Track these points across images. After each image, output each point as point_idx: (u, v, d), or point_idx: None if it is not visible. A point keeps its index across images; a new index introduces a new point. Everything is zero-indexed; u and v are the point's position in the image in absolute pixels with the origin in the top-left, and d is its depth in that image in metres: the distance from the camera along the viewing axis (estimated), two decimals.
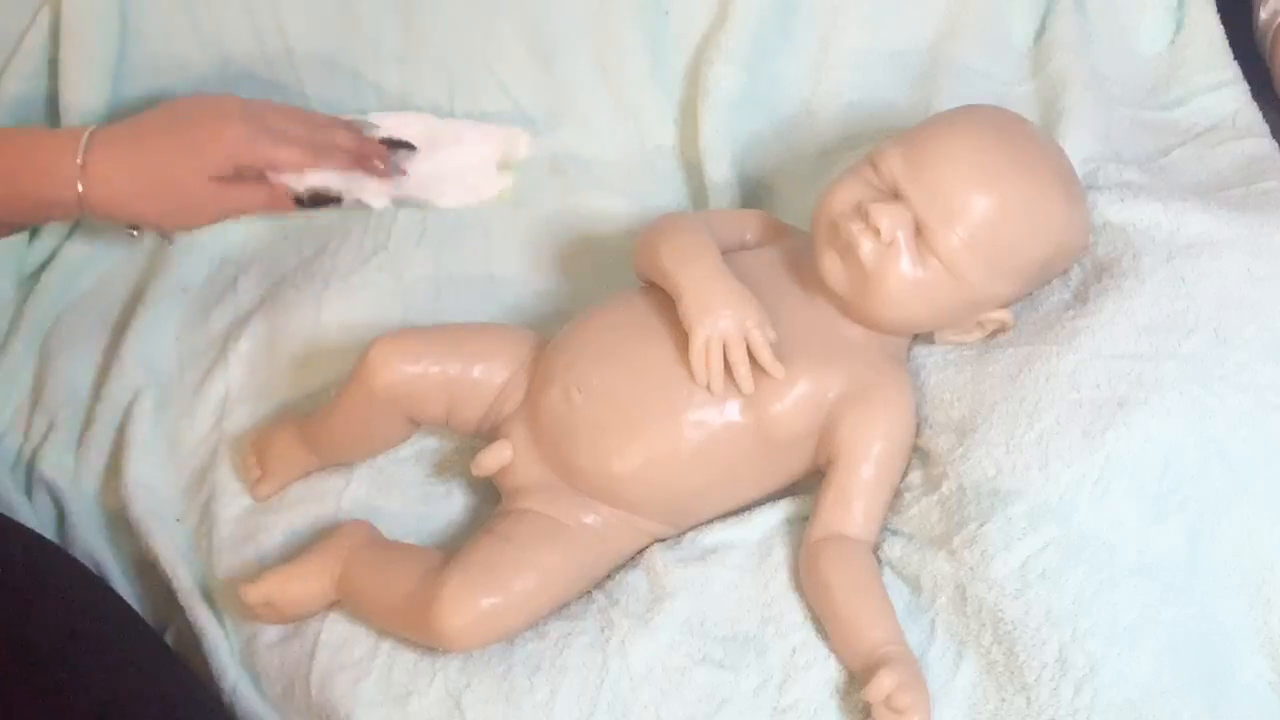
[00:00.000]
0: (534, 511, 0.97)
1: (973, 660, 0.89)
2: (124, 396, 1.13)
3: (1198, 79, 1.19)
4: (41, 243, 1.21)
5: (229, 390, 1.13)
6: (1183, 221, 1.02)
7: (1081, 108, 1.14)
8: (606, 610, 0.95)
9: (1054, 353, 0.96)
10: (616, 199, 1.23)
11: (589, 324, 1.01)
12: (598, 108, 1.25)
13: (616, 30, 1.23)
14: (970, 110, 1.03)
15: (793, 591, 0.95)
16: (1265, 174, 1.10)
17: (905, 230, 0.95)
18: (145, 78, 1.24)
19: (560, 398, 0.97)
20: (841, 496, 0.95)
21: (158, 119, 1.07)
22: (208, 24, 1.24)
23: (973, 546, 0.91)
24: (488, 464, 0.99)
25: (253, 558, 1.04)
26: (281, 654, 0.98)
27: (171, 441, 1.11)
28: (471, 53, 1.25)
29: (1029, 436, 0.93)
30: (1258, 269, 0.99)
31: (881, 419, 0.96)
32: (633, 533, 0.98)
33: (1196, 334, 0.95)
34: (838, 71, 1.22)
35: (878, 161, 0.98)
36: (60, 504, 1.09)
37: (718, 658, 0.92)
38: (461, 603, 0.91)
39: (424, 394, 1.00)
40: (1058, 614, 0.87)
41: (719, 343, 0.94)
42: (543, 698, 0.91)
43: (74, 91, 1.21)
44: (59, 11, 1.20)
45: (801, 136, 1.22)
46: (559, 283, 1.19)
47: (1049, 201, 0.98)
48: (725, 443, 0.95)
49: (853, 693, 0.90)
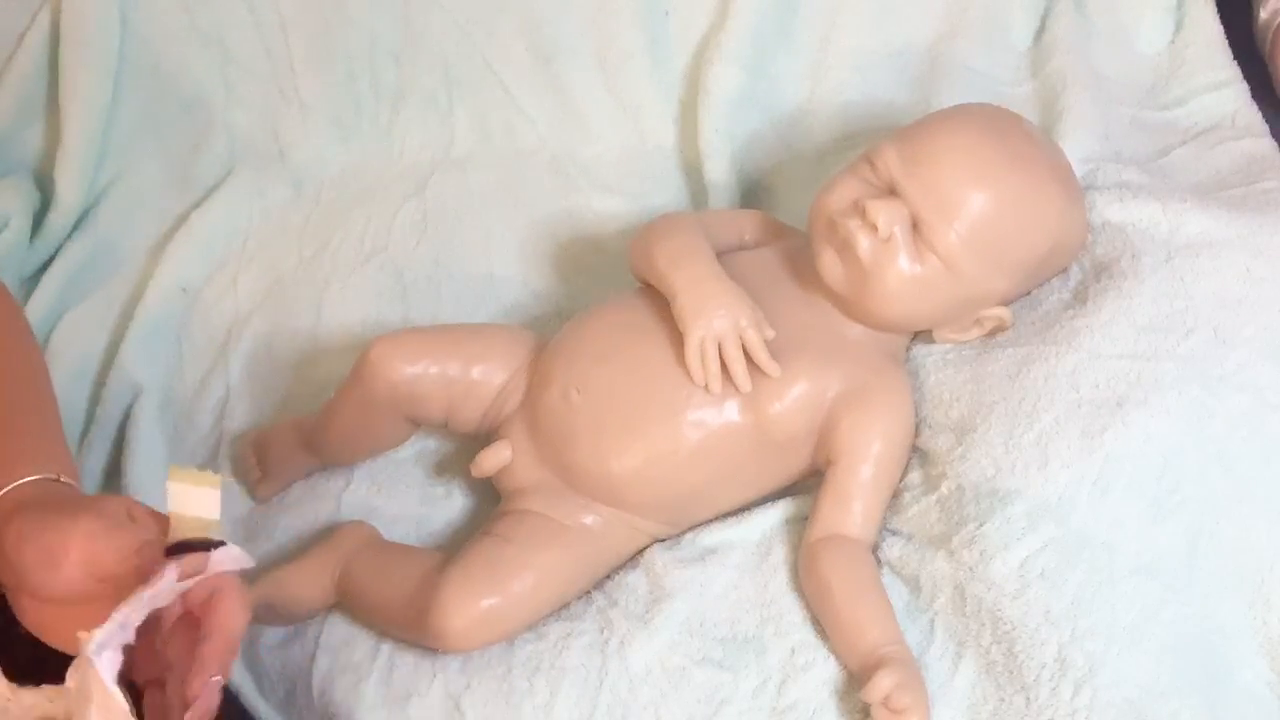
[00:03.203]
0: (533, 512, 0.97)
1: (972, 660, 0.89)
2: (124, 397, 1.12)
3: (1197, 79, 1.19)
4: (42, 243, 1.21)
5: (229, 390, 1.14)
6: (1182, 221, 1.02)
7: (1081, 107, 1.14)
8: (606, 611, 0.95)
9: (1053, 353, 0.96)
10: (616, 199, 1.23)
11: (588, 324, 1.01)
12: (598, 108, 1.25)
13: (616, 30, 1.23)
14: (966, 107, 1.04)
15: (792, 592, 0.95)
16: (1265, 174, 1.10)
17: (902, 226, 0.95)
18: (145, 78, 1.24)
19: (559, 398, 0.97)
20: (840, 497, 0.95)
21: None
22: (208, 24, 1.24)
23: (972, 546, 0.91)
24: (487, 465, 0.99)
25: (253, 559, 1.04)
26: (283, 656, 0.98)
27: (172, 442, 1.11)
28: (471, 52, 1.25)
29: (1028, 436, 0.93)
30: (1257, 269, 0.99)
31: (880, 419, 0.96)
32: (632, 533, 0.98)
33: (1196, 334, 0.96)
34: (837, 71, 1.22)
35: (874, 159, 0.98)
36: None
37: (717, 658, 0.92)
38: (461, 604, 0.91)
39: (424, 394, 1.00)
40: (1057, 614, 0.87)
41: (714, 343, 0.94)
42: (542, 699, 0.91)
43: (74, 91, 1.21)
44: (59, 11, 1.20)
45: (801, 136, 1.22)
46: (558, 283, 1.19)
47: (1046, 197, 0.98)
48: (724, 442, 0.95)
49: (852, 693, 0.90)
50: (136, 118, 1.25)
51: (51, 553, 0.74)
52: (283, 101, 1.26)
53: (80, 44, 1.20)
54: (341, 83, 1.26)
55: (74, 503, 0.79)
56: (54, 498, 0.79)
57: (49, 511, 0.77)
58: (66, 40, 1.20)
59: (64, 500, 0.79)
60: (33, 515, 0.76)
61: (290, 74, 1.25)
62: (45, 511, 0.77)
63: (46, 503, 0.78)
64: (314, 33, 1.24)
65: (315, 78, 1.26)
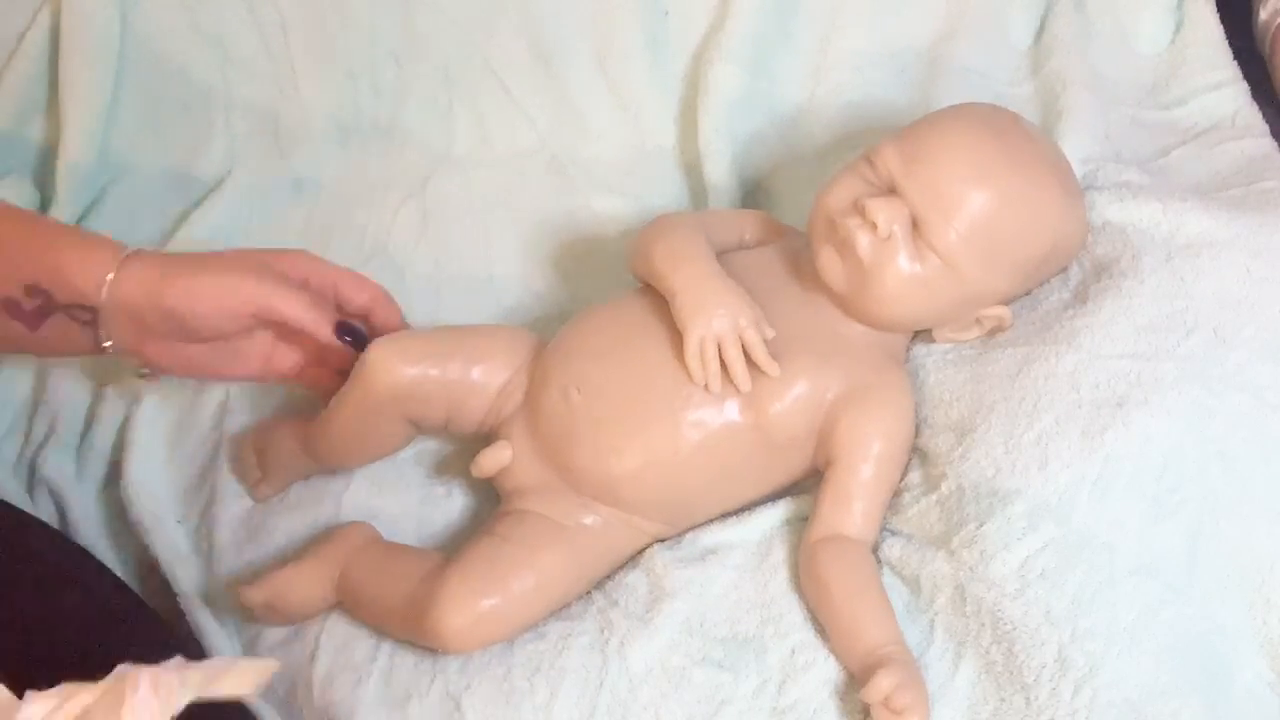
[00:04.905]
0: (533, 513, 0.97)
1: (972, 660, 0.89)
2: (125, 397, 1.12)
3: (1198, 79, 1.19)
4: None
5: (229, 391, 1.13)
6: (1182, 221, 1.02)
7: (1081, 108, 1.14)
8: (606, 611, 0.95)
9: (1053, 353, 0.96)
10: (616, 199, 1.23)
11: (587, 323, 1.01)
12: (598, 108, 1.25)
13: (616, 30, 1.23)
14: (965, 107, 1.04)
15: (792, 592, 0.95)
16: (1265, 174, 1.09)
17: (902, 225, 0.95)
18: (145, 78, 1.24)
19: (559, 397, 0.97)
20: (841, 497, 0.95)
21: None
22: (208, 24, 1.24)
23: (972, 547, 0.91)
24: (487, 465, 0.99)
25: (253, 559, 1.04)
26: (283, 656, 0.98)
27: (172, 443, 1.11)
28: (471, 52, 1.25)
29: (1028, 436, 0.93)
30: (1257, 269, 0.99)
31: (881, 418, 0.96)
32: (632, 533, 0.98)
33: (1196, 334, 0.95)
34: (837, 72, 1.22)
35: (874, 159, 0.98)
36: (62, 506, 1.08)
37: (717, 658, 0.92)
38: (461, 604, 0.91)
39: (425, 396, 1.00)
40: (1057, 614, 0.87)
41: (714, 342, 0.94)
42: (542, 699, 0.91)
43: (74, 91, 1.21)
44: (59, 11, 1.20)
45: (801, 137, 1.22)
46: (558, 283, 1.19)
47: (1045, 195, 0.98)
48: (724, 442, 0.95)
49: (852, 693, 0.90)
50: (136, 118, 1.25)
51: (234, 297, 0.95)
52: (283, 101, 1.26)
53: (80, 44, 1.20)
54: (341, 83, 1.26)
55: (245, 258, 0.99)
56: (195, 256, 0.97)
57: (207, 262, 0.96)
58: (66, 40, 1.20)
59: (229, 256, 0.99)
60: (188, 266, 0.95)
61: (290, 74, 1.25)
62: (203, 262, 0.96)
63: (201, 258, 0.97)
64: (314, 33, 1.24)
65: (315, 78, 1.25)
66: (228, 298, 0.95)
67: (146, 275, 0.94)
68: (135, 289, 0.94)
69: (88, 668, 0.79)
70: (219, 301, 0.95)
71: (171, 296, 0.94)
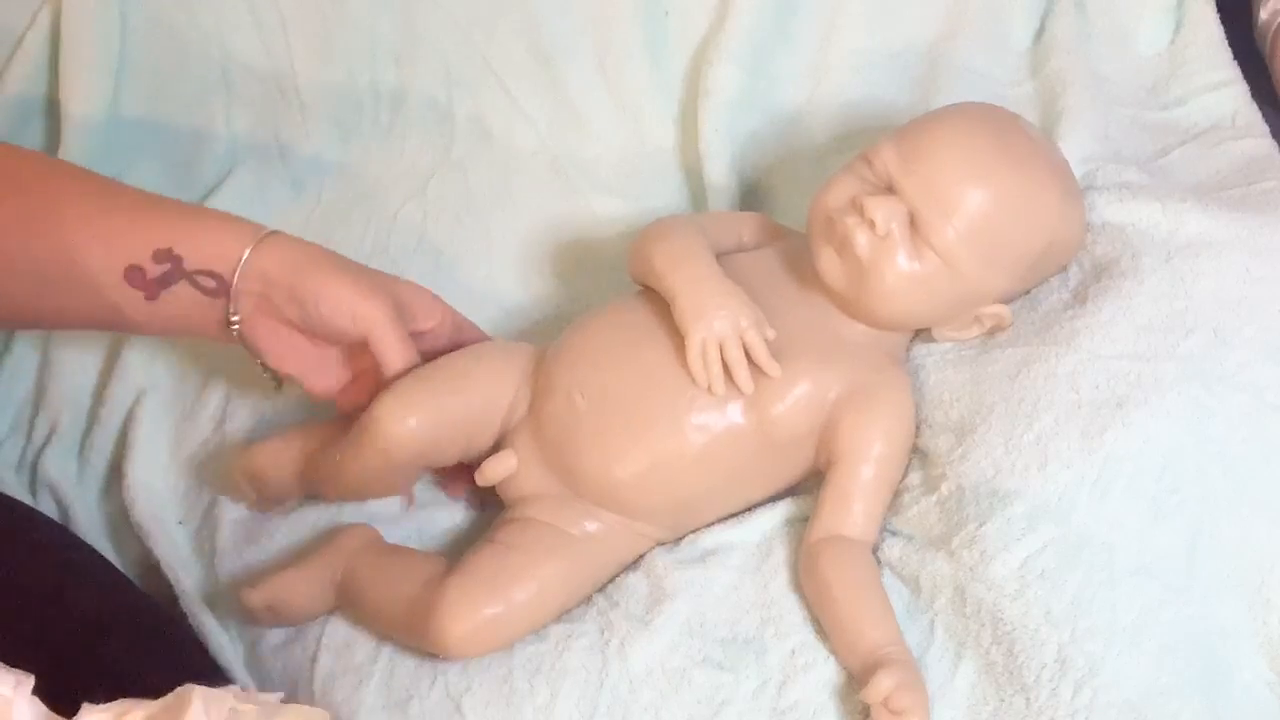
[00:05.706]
0: (536, 520, 0.97)
1: (972, 661, 0.89)
2: (126, 399, 1.12)
3: (1197, 79, 1.19)
4: None
5: (230, 393, 1.13)
6: (1182, 221, 1.02)
7: (1081, 108, 1.14)
8: (606, 612, 0.95)
9: (1053, 353, 0.96)
10: (616, 200, 1.23)
11: (589, 328, 1.01)
12: (598, 108, 1.25)
13: (616, 30, 1.22)
14: (963, 105, 1.04)
15: (793, 593, 0.95)
16: (1265, 174, 1.09)
17: (900, 223, 0.95)
18: (145, 78, 1.24)
19: (564, 403, 0.97)
20: (841, 497, 0.95)
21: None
22: (208, 23, 1.24)
23: (972, 547, 0.91)
24: (492, 474, 0.99)
25: (255, 561, 1.04)
26: (285, 658, 0.98)
27: (173, 444, 1.11)
28: (471, 52, 1.25)
29: (1028, 437, 0.93)
30: (1257, 269, 0.99)
31: (881, 419, 0.96)
32: (635, 539, 0.98)
33: (1195, 334, 0.95)
34: (837, 72, 1.22)
35: (872, 158, 0.98)
36: (63, 507, 1.09)
37: (717, 659, 0.93)
38: (463, 611, 0.91)
39: (441, 439, 0.98)
40: (1057, 614, 0.87)
41: (715, 345, 0.94)
42: (543, 700, 0.91)
43: (74, 91, 1.21)
44: (59, 11, 1.20)
45: (801, 137, 1.22)
46: (558, 286, 1.19)
47: (1043, 193, 0.98)
48: (728, 445, 0.95)
49: (852, 694, 0.90)
50: (136, 118, 1.25)
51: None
52: (283, 101, 1.26)
53: (80, 44, 1.20)
54: (341, 83, 1.26)
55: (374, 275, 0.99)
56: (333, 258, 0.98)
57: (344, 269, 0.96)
58: (66, 40, 1.20)
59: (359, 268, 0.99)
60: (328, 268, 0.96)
61: (290, 74, 1.25)
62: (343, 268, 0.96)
63: (344, 261, 0.97)
64: (314, 33, 1.24)
65: (315, 78, 1.25)
66: (351, 309, 0.95)
67: (289, 255, 0.95)
68: (275, 264, 0.94)
69: (94, 663, 0.80)
70: (340, 308, 0.95)
71: (310, 284, 0.94)
